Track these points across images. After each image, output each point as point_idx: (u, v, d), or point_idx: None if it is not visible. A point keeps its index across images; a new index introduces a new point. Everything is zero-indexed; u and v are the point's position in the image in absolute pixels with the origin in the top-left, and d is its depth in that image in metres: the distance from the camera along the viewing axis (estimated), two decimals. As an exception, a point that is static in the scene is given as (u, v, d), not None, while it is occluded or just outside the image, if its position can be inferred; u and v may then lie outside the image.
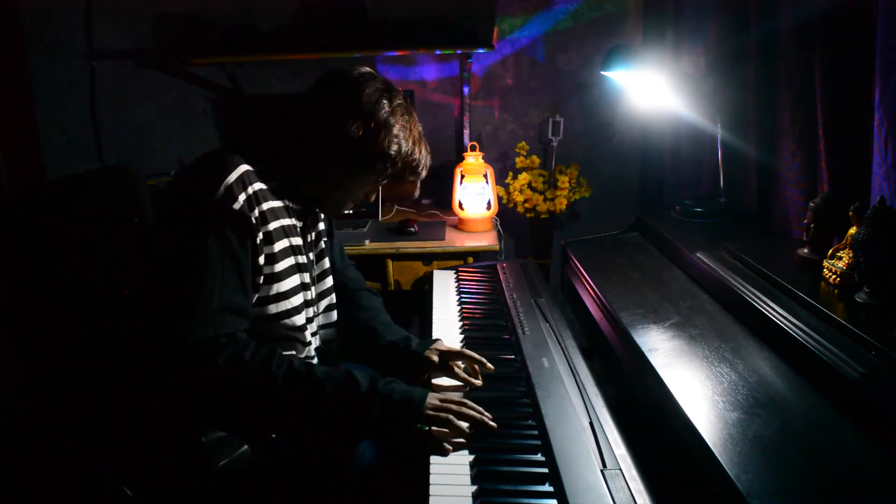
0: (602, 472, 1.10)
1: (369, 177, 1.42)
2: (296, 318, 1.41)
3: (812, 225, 1.48)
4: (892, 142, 1.35)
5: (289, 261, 1.40)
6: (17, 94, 2.86)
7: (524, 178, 2.71)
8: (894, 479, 0.94)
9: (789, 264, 1.51)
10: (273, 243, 1.35)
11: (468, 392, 1.41)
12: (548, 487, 1.10)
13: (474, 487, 1.11)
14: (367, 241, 2.45)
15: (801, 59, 1.70)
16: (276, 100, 2.80)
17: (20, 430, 2.05)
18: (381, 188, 2.07)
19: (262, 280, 1.34)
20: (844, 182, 1.56)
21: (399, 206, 2.87)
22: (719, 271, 1.53)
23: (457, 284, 2.00)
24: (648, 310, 1.52)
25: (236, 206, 1.27)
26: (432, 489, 1.10)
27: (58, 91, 2.92)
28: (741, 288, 1.43)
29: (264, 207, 1.33)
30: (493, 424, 1.24)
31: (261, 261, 1.33)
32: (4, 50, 2.77)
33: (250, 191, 1.30)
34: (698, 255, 1.64)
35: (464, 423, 1.23)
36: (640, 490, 1.06)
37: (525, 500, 1.08)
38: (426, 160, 1.47)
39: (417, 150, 1.43)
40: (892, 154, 1.35)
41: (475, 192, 2.60)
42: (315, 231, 1.54)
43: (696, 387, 1.19)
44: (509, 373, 1.48)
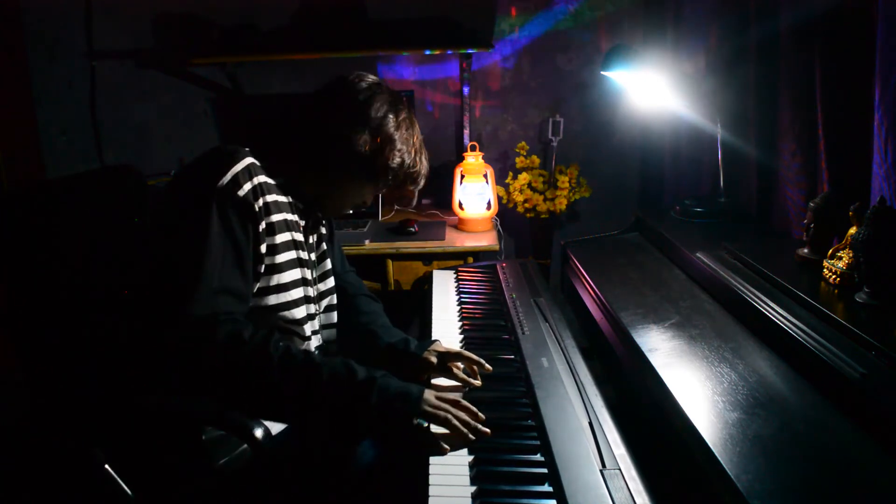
0: (601, 472, 1.10)
1: (370, 185, 1.48)
2: (295, 312, 1.41)
3: (812, 225, 1.48)
4: (892, 142, 1.35)
5: (290, 254, 1.41)
6: (17, 94, 2.86)
7: (524, 178, 2.71)
8: (894, 479, 0.94)
9: (789, 264, 1.51)
10: (275, 234, 1.36)
11: (468, 392, 1.41)
12: (547, 488, 1.10)
13: (474, 488, 1.10)
14: (367, 241, 2.45)
15: (801, 59, 1.70)
16: (277, 100, 2.80)
17: (20, 430, 2.05)
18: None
19: (262, 269, 1.35)
20: (844, 182, 1.56)
21: (399, 206, 2.88)
22: (719, 271, 1.53)
23: (456, 284, 2.00)
24: (648, 310, 1.52)
25: (241, 193, 1.29)
26: (432, 489, 1.10)
27: (58, 91, 2.92)
28: (741, 288, 1.43)
29: (268, 199, 1.35)
30: (486, 430, 1.23)
31: (262, 249, 1.34)
32: (4, 50, 2.78)
33: (255, 181, 1.32)
34: (698, 255, 1.64)
35: (460, 423, 1.22)
36: (640, 490, 1.06)
37: (524, 501, 1.08)
38: (426, 170, 1.52)
39: (418, 162, 1.49)
40: (892, 154, 1.35)
41: (475, 192, 2.60)
42: (317, 233, 1.56)
43: (696, 387, 1.19)
44: (509, 373, 1.47)
